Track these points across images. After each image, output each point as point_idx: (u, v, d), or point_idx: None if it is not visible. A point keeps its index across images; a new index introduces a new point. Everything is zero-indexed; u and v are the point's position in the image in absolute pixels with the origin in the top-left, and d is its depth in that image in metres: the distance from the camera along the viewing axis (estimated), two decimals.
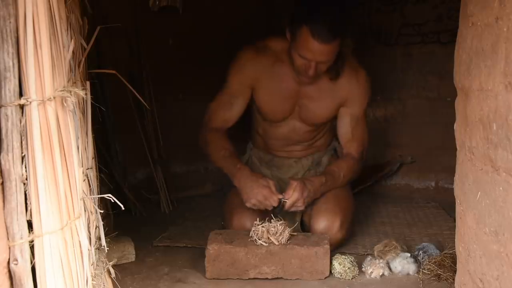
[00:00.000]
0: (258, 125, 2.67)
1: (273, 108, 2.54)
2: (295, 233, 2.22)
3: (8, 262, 1.04)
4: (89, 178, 1.52)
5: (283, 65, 2.45)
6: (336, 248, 2.36)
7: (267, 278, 2.12)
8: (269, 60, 2.47)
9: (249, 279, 2.12)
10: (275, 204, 2.27)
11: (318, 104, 2.51)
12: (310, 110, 2.53)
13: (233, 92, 2.51)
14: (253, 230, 2.15)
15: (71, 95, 1.16)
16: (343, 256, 2.17)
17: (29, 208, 1.07)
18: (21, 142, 1.05)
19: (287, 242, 2.13)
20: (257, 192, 2.25)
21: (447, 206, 3.03)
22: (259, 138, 2.71)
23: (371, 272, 2.14)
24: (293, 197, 2.26)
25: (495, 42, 1.16)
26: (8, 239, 1.04)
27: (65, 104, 1.17)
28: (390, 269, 2.18)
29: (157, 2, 2.95)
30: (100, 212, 1.55)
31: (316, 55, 2.23)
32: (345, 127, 2.56)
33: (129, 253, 2.31)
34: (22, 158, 1.06)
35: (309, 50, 2.22)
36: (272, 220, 2.18)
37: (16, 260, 1.04)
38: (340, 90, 2.50)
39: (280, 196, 2.27)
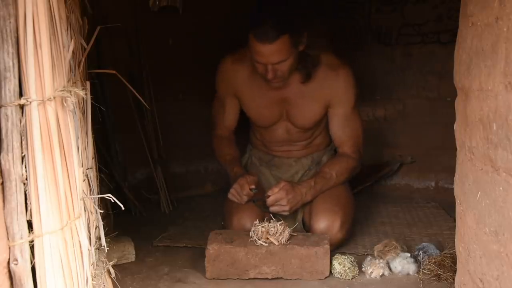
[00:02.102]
0: (255, 128, 2.71)
1: (260, 115, 2.57)
2: (295, 233, 2.22)
3: (8, 262, 1.04)
4: (89, 178, 1.52)
5: None
6: (336, 248, 2.36)
7: (267, 278, 2.12)
8: (247, 69, 2.49)
9: (249, 279, 2.12)
10: (245, 193, 2.34)
11: (302, 109, 2.50)
12: (296, 115, 2.53)
13: (222, 100, 2.63)
14: (253, 230, 2.16)
15: (71, 95, 1.16)
16: (343, 256, 2.17)
17: (29, 208, 1.07)
18: (21, 142, 1.05)
19: (287, 242, 2.14)
20: (235, 183, 2.37)
21: (447, 206, 3.03)
22: (257, 141, 2.73)
23: (371, 272, 2.14)
24: (276, 195, 2.30)
25: (495, 42, 1.16)
26: (8, 239, 1.04)
27: (65, 104, 1.17)
28: (390, 269, 2.18)
29: (157, 2, 2.95)
30: (100, 212, 1.55)
31: (266, 57, 2.24)
32: (336, 128, 2.54)
33: (129, 253, 2.31)
34: (22, 158, 1.06)
35: (258, 53, 2.24)
36: (272, 221, 2.18)
37: (16, 260, 1.04)
38: (322, 91, 2.47)
39: (252, 186, 2.35)
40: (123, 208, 1.40)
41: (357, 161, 2.56)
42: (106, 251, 1.62)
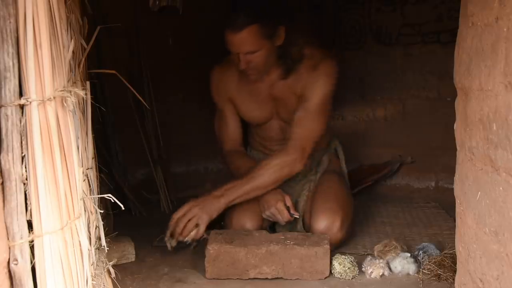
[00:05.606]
0: (252, 129, 2.72)
1: (253, 115, 2.59)
2: (295, 233, 2.22)
3: (8, 262, 1.04)
4: (89, 178, 1.52)
5: None
6: (336, 248, 2.35)
7: (267, 278, 2.12)
8: (235, 73, 2.52)
9: (249, 279, 2.12)
10: (286, 219, 2.37)
11: (288, 105, 2.50)
12: (284, 111, 2.54)
13: (222, 111, 2.63)
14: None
15: (71, 95, 1.16)
16: (343, 256, 2.17)
17: (29, 208, 1.07)
18: (21, 142, 1.05)
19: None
20: (271, 205, 2.36)
21: (447, 206, 3.03)
22: (255, 141, 2.74)
23: (371, 272, 2.14)
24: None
25: (495, 42, 1.16)
26: (8, 239, 1.04)
27: (65, 104, 1.17)
28: (390, 269, 2.18)
29: (157, 2, 2.95)
30: (100, 212, 1.56)
31: (235, 46, 2.29)
32: (294, 121, 2.43)
33: (129, 253, 2.31)
34: (22, 158, 1.06)
35: (229, 43, 2.31)
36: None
37: (16, 260, 1.04)
38: (298, 83, 2.45)
39: (292, 212, 2.38)
40: (123, 208, 1.41)
41: (296, 159, 2.38)
42: (106, 251, 1.62)
